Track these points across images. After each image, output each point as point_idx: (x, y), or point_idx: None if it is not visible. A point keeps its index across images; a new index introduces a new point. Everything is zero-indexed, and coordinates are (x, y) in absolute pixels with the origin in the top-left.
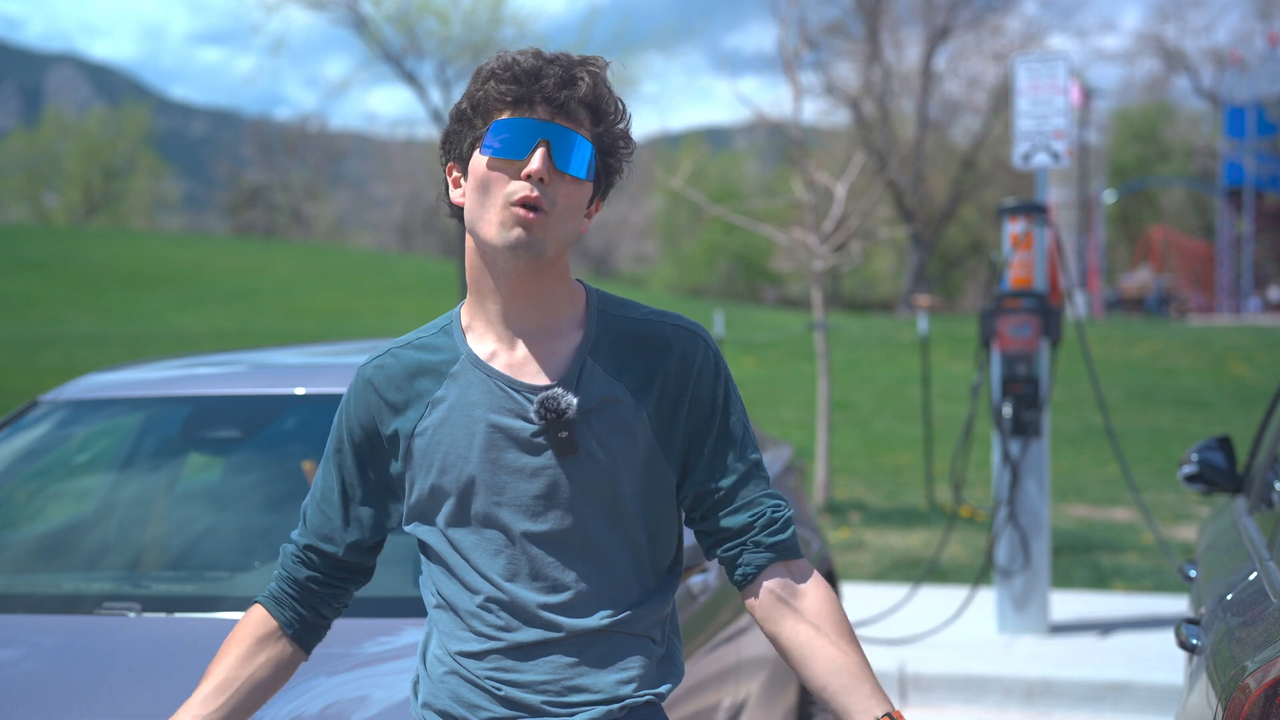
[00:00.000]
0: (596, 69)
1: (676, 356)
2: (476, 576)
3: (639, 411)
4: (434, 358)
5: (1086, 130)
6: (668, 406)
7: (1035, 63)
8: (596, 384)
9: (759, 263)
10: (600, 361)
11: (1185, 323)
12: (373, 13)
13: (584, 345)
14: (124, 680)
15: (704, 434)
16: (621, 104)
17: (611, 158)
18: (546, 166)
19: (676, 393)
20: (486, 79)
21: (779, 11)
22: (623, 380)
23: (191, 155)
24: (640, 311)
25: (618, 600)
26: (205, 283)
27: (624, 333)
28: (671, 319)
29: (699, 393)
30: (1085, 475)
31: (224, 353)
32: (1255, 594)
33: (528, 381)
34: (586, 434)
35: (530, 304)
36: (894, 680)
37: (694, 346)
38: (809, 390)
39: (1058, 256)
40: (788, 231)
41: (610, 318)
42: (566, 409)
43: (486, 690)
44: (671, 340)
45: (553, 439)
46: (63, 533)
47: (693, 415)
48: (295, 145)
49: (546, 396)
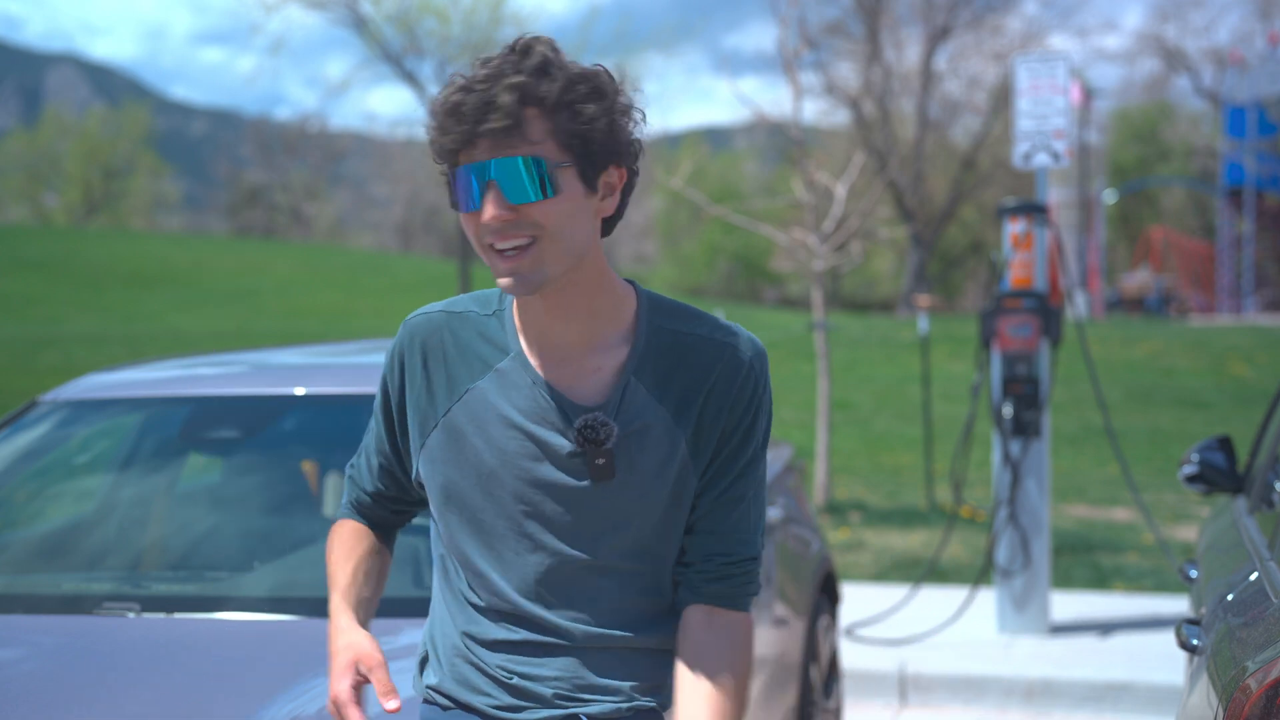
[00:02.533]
0: (529, 63)
1: (718, 377)
2: (491, 581)
3: (678, 434)
4: (484, 344)
5: (1087, 130)
6: (705, 427)
7: (1035, 63)
8: (639, 406)
9: (759, 263)
10: (645, 381)
11: (1185, 323)
12: (373, 12)
13: (629, 363)
14: (124, 680)
15: (722, 455)
16: (572, 73)
17: (586, 138)
18: (501, 210)
19: (715, 415)
20: (430, 117)
21: (779, 11)
22: (665, 403)
23: (191, 155)
24: (690, 323)
25: (636, 616)
26: (205, 283)
27: (671, 347)
28: (723, 334)
29: (732, 417)
30: (1085, 475)
31: (224, 353)
32: (1256, 594)
33: (571, 399)
34: (624, 457)
35: (570, 318)
36: (894, 680)
37: (736, 368)
38: (809, 390)
39: (1058, 256)
40: (788, 231)
41: (659, 330)
42: (607, 438)
43: (495, 679)
44: (717, 359)
45: (589, 464)
46: (63, 533)
47: (722, 438)
48: (295, 145)
49: (588, 423)
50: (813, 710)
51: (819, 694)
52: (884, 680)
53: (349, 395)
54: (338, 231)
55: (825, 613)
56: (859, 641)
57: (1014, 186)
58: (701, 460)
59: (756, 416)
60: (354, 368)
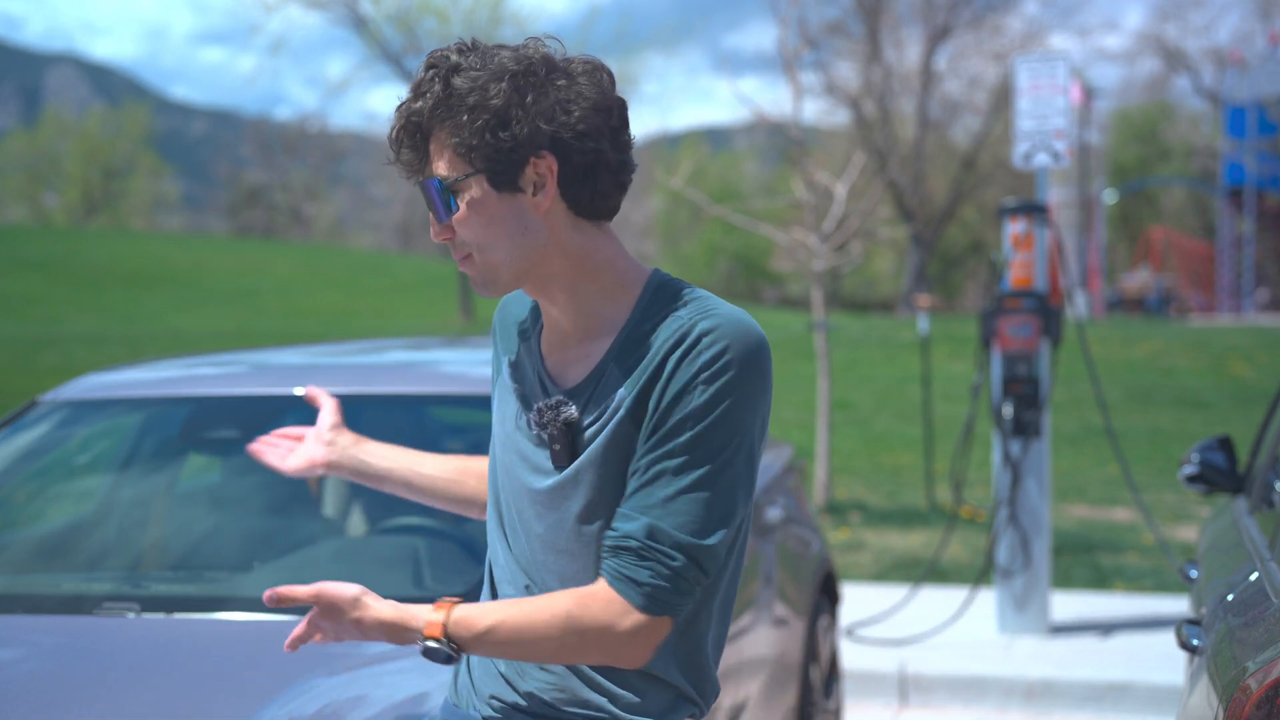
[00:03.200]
0: (414, 83)
1: (666, 349)
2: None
3: (638, 415)
4: (530, 321)
5: (1087, 130)
6: (644, 398)
7: (1036, 62)
8: (610, 391)
9: (759, 263)
10: (622, 366)
11: (1185, 323)
12: (372, 12)
13: (610, 350)
14: (124, 680)
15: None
16: (454, 86)
17: (469, 145)
18: (437, 228)
19: (659, 386)
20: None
21: (779, 11)
22: (633, 386)
23: (191, 155)
24: (680, 307)
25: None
26: (205, 283)
27: (651, 330)
28: (697, 314)
29: (672, 388)
30: (1085, 475)
31: (224, 353)
32: (1256, 594)
33: (555, 382)
34: (589, 445)
35: (559, 307)
36: (894, 680)
37: (683, 339)
38: (809, 390)
39: (1058, 256)
40: (788, 231)
41: (649, 315)
42: (547, 423)
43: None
44: (672, 334)
45: (551, 449)
46: (63, 533)
47: (658, 407)
48: (295, 145)
49: (543, 406)
50: (813, 710)
51: (819, 694)
52: (884, 680)
53: (349, 395)
54: (338, 231)
55: (825, 613)
56: (859, 642)
57: (1014, 186)
58: (641, 434)
59: (701, 394)
60: (354, 368)
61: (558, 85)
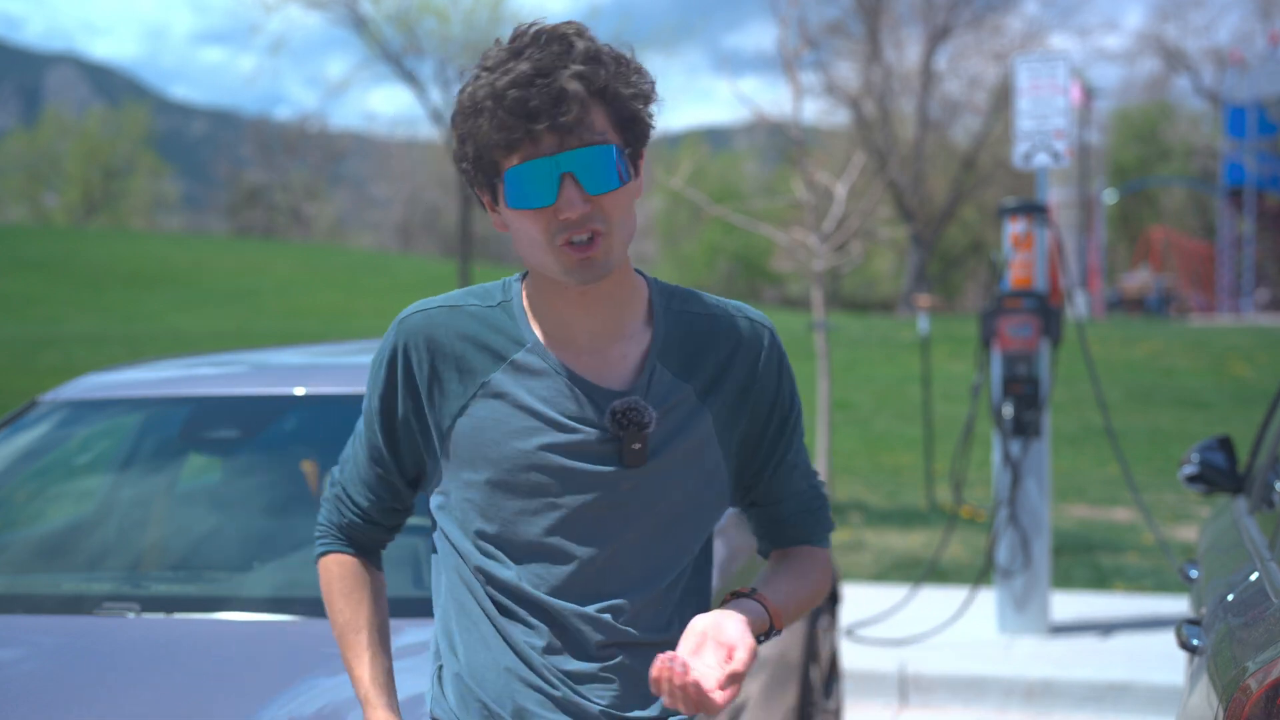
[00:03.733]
0: (579, 51)
1: (742, 352)
2: (515, 585)
3: (704, 412)
4: (495, 336)
5: (1087, 130)
6: (731, 404)
7: (1036, 62)
8: (665, 388)
9: (759, 263)
10: (669, 365)
11: (1185, 323)
12: (373, 12)
13: (653, 348)
14: (124, 680)
15: (764, 429)
16: (612, 55)
17: (636, 119)
18: (580, 200)
19: (743, 387)
20: (476, 114)
21: (779, 11)
22: (690, 383)
23: (191, 155)
24: (704, 305)
25: (666, 610)
26: (205, 283)
27: (690, 330)
28: (735, 309)
29: (763, 388)
30: (1085, 475)
31: (224, 353)
32: (1256, 594)
33: (600, 386)
34: (654, 441)
35: (597, 306)
36: (894, 680)
37: (757, 340)
38: (809, 390)
39: (1058, 256)
40: (788, 231)
41: (676, 314)
42: (649, 421)
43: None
44: (736, 335)
45: (625, 449)
46: (63, 533)
47: (755, 411)
48: (295, 145)
49: (628, 407)
50: (813, 710)
51: (819, 694)
52: (884, 680)
53: (349, 395)
54: (338, 231)
55: (825, 613)
56: (859, 642)
57: (1014, 186)
58: (732, 434)
59: (782, 379)
60: (354, 368)
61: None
